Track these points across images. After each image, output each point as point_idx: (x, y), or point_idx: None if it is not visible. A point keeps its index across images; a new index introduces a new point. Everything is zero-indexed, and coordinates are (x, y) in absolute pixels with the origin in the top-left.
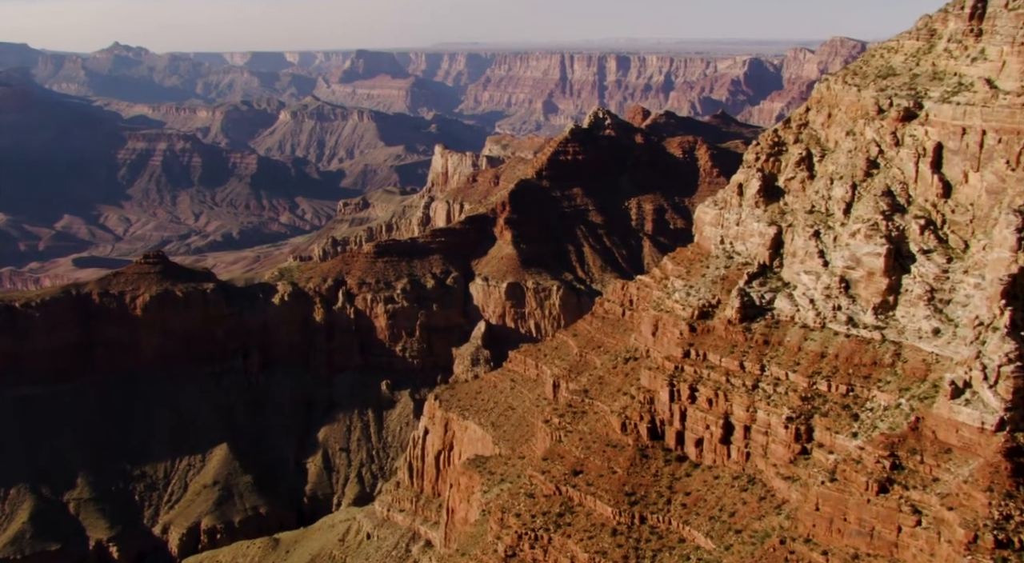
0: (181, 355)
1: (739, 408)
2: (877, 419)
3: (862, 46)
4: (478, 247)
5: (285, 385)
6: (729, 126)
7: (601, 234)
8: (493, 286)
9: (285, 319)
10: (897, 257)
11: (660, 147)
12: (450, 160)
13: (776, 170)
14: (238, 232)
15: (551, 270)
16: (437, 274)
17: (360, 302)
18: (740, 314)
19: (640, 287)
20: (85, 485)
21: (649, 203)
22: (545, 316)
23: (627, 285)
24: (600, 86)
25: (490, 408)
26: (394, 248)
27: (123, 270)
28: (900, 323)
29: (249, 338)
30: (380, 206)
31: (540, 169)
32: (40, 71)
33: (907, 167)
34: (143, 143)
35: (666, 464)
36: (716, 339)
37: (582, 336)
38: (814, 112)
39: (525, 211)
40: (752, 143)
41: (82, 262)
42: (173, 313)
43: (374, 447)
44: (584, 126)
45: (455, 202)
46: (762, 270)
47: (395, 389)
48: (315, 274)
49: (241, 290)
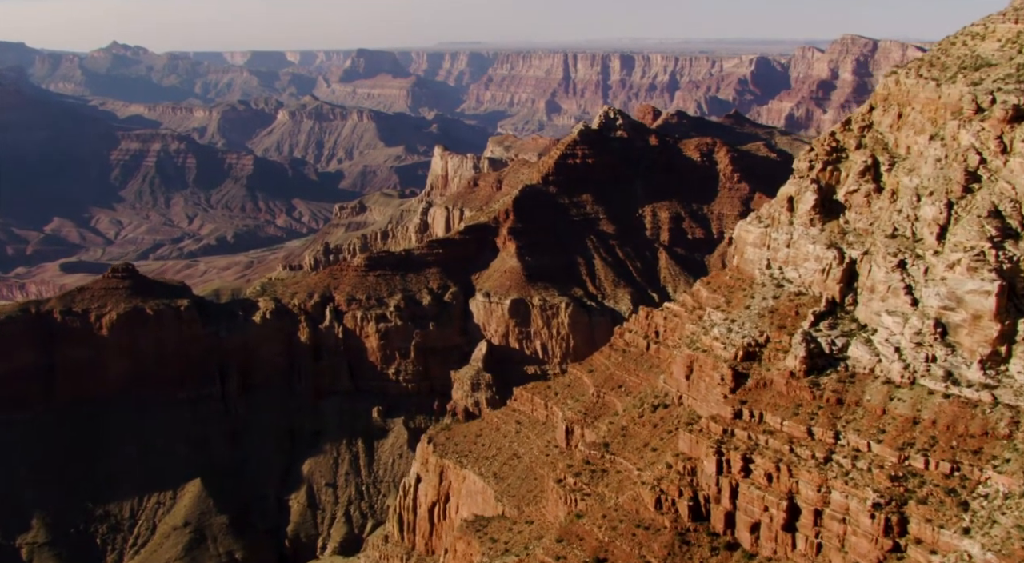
0: (151, 380)
1: (807, 487)
2: (996, 511)
3: (874, 44)
4: (479, 259)
5: (266, 412)
6: (743, 126)
7: (613, 245)
8: (495, 303)
9: (267, 339)
10: (1011, 296)
11: (676, 149)
12: (450, 162)
13: (835, 181)
14: (233, 235)
15: (559, 285)
16: (434, 289)
17: (349, 320)
18: (806, 365)
19: (668, 316)
20: (41, 527)
21: (665, 211)
22: (553, 336)
23: (652, 314)
24: (604, 86)
25: (492, 455)
26: (387, 261)
27: (88, 285)
28: (1017, 381)
29: (227, 361)
30: (377, 210)
31: (547, 173)
32: (37, 70)
33: (1020, 180)
34: (137, 143)
35: (712, 553)
36: (775, 396)
37: (599, 372)
38: (880, 112)
39: (530, 220)
40: (804, 149)
41: (70, 267)
42: (143, 333)
43: (364, 482)
44: (594, 127)
45: (455, 208)
46: (831, 308)
47: (387, 416)
48: (300, 289)
49: (219, 307)
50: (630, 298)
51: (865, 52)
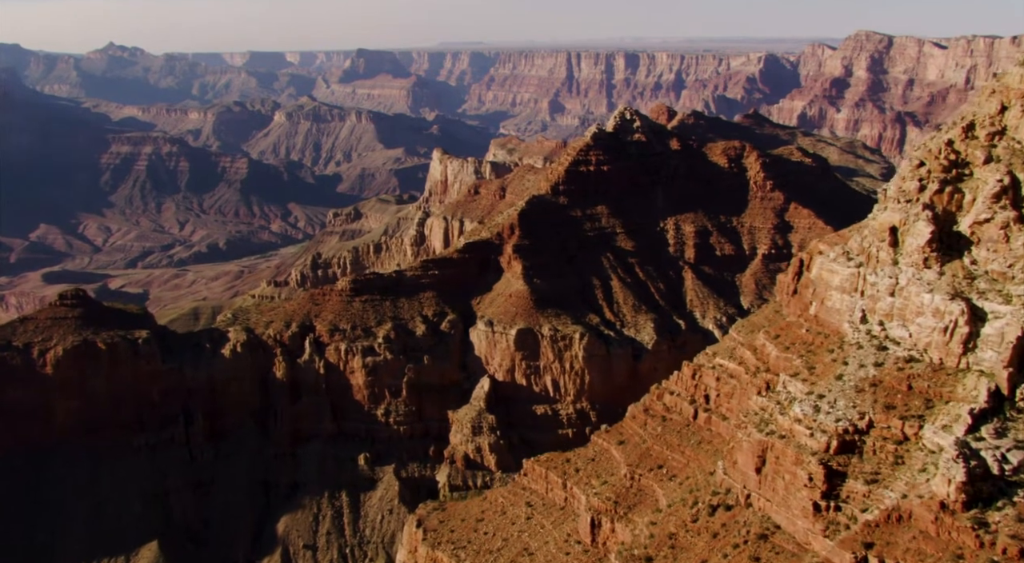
0: (104, 425)
1: None
2: None
3: (889, 40)
4: (480, 282)
5: (236, 461)
6: (763, 127)
7: (632, 263)
8: (499, 332)
9: (237, 376)
10: None
11: (700, 155)
12: (450, 167)
13: (955, 207)
14: (225, 242)
15: (572, 311)
16: (429, 317)
17: (332, 353)
18: (966, 493)
19: (722, 377)
20: None
21: (690, 224)
22: (565, 371)
23: (700, 372)
24: (608, 85)
25: (496, 548)
26: (375, 284)
27: (33, 315)
28: None
29: (191, 401)
30: (373, 217)
31: (556, 182)
32: (32, 72)
33: None
34: (128, 146)
35: None
36: (918, 538)
37: (633, 445)
38: (1017, 112)
39: (538, 236)
40: (908, 162)
41: (52, 277)
42: (94, 370)
43: (348, 543)
44: (609, 129)
45: (454, 218)
46: (995, 403)
47: (376, 464)
48: (276, 317)
49: (183, 339)
50: (653, 326)
51: (880, 49)
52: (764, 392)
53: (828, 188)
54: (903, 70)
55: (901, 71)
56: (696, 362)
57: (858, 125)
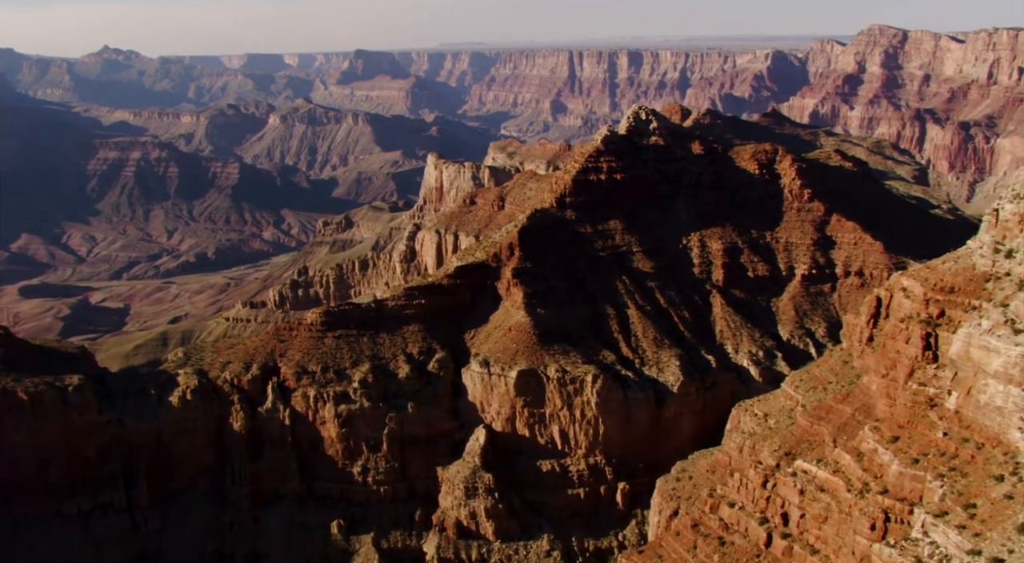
0: (28, 488)
1: None
2: None
3: (904, 35)
4: (474, 312)
5: (187, 529)
6: (783, 126)
7: (652, 288)
8: (497, 374)
9: (188, 428)
10: None
11: (727, 160)
12: (445, 172)
13: None
14: (214, 251)
15: (582, 347)
16: (414, 355)
17: (299, 401)
18: None
19: (808, 492)
20: None
21: (717, 240)
22: (576, 419)
23: (776, 481)
24: (611, 84)
25: None
26: (351, 316)
27: None
28: None
29: (134, 458)
30: (365, 226)
31: (562, 193)
32: (24, 76)
33: None
34: (115, 152)
35: None
36: None
37: None
38: None
39: (542, 256)
40: None
41: (30, 291)
42: (15, 424)
43: None
44: (621, 132)
45: (447, 232)
46: None
47: (351, 533)
48: (235, 356)
49: (123, 385)
50: (678, 364)
51: (894, 43)
52: (882, 529)
53: (871, 197)
54: (919, 65)
55: (916, 66)
56: (765, 463)
57: (873, 123)
